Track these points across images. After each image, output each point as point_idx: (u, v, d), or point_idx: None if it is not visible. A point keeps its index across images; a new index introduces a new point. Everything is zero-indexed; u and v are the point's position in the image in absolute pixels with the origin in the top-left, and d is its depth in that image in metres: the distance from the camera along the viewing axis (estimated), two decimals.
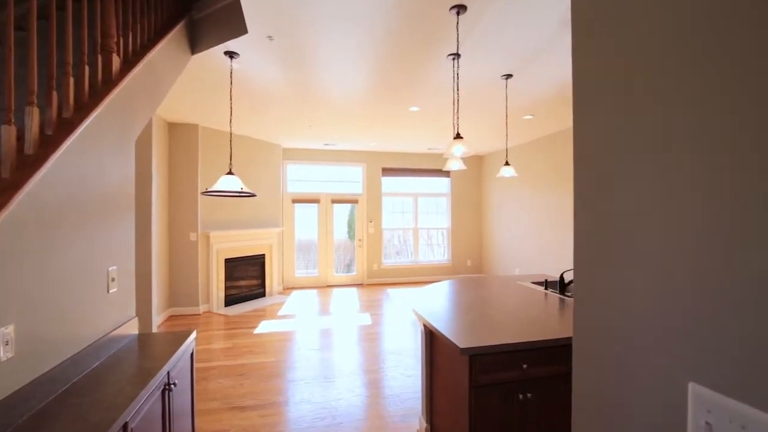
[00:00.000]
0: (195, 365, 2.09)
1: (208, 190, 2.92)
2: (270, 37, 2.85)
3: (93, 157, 1.65)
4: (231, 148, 3.16)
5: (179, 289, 5.58)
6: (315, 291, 7.30)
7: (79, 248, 1.55)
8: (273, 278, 6.89)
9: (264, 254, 6.76)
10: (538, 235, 6.54)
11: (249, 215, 6.53)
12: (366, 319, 5.34)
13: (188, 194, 5.60)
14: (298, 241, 7.73)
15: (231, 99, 3.25)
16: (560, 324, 2.09)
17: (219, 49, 3.05)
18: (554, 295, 2.84)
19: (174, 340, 1.94)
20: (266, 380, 3.36)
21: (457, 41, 2.50)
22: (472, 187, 8.65)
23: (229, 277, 6.17)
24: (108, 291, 1.78)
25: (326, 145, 7.28)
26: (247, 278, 6.53)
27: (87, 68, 1.72)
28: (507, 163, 3.61)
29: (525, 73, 3.46)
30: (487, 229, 8.35)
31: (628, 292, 0.64)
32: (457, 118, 2.77)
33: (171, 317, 5.41)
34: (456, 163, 3.11)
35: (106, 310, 1.77)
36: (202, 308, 5.70)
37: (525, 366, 1.84)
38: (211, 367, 3.65)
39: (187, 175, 5.62)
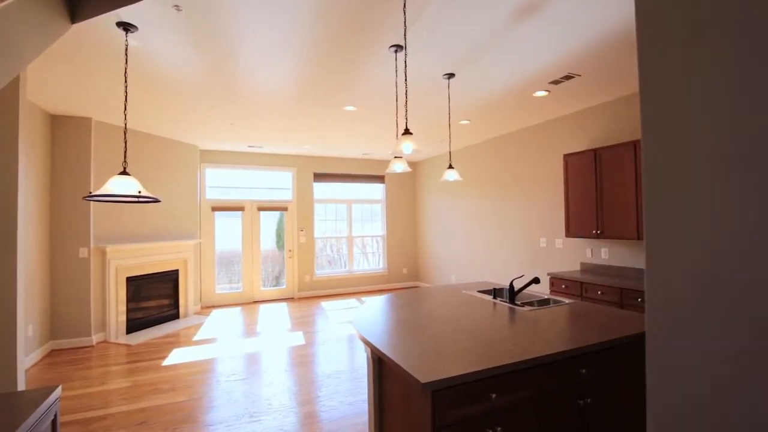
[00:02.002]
0: (59, 422, 1.51)
1: (93, 194, 2.28)
2: (177, 6, 2.32)
3: None
4: (126, 142, 2.53)
5: (64, 316, 4.56)
6: (239, 309, 6.56)
7: None
8: (188, 297, 6.04)
9: (177, 270, 5.90)
10: (472, 242, 6.56)
11: (158, 226, 5.65)
12: (298, 338, 4.83)
13: (77, 202, 4.63)
14: (220, 254, 6.92)
15: (126, 82, 2.63)
16: (521, 339, 1.88)
17: (110, 19, 2.44)
18: (504, 305, 2.69)
19: (24, 406, 1.36)
20: (174, 427, 2.73)
21: (405, 26, 2.22)
22: (406, 194, 8.54)
23: (132, 298, 5.23)
24: None
25: (251, 147, 6.63)
26: (156, 298, 5.62)
27: None
28: (451, 166, 3.43)
29: (467, 72, 3.32)
30: (422, 236, 8.27)
31: None
32: (406, 111, 2.48)
33: (52, 353, 4.38)
34: (400, 164, 2.83)
35: None
36: (95, 338, 4.73)
37: (494, 396, 1.58)
38: (101, 416, 2.91)
39: (76, 180, 4.65)
